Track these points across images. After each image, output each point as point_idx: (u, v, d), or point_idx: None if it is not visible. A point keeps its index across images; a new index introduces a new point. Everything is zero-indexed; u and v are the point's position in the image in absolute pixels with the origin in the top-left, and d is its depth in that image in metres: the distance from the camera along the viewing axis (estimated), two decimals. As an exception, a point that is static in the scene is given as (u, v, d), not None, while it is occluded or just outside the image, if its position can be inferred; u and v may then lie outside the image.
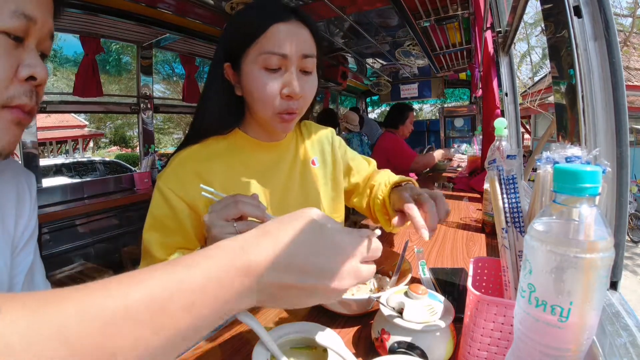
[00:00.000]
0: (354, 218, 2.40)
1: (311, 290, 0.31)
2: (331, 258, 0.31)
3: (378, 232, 0.36)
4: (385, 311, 0.49)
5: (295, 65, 0.63)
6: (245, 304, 0.30)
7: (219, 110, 0.69)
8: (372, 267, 0.35)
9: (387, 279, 0.65)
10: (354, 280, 0.33)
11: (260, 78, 0.63)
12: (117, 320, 0.23)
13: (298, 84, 0.63)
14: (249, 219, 0.52)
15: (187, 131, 0.77)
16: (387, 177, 0.86)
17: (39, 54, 0.44)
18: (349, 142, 3.42)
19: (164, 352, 0.25)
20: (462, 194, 1.84)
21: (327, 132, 0.90)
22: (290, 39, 0.62)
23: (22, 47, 0.41)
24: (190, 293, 0.26)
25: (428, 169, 2.71)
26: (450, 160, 3.48)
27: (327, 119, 3.28)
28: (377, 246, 0.35)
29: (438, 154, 2.69)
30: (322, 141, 0.88)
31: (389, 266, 0.69)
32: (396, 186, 0.78)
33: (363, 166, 0.93)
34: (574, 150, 0.34)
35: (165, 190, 0.65)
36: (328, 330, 0.45)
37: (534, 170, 0.54)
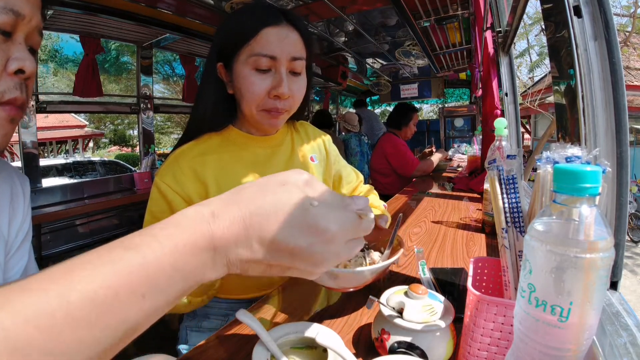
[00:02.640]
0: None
1: (285, 268, 0.30)
2: (313, 244, 0.28)
3: (372, 215, 0.34)
4: (385, 311, 0.49)
5: (285, 66, 0.66)
6: (213, 275, 0.28)
7: (212, 108, 0.72)
8: (357, 245, 0.32)
9: (379, 254, 0.65)
10: (334, 263, 0.31)
11: (250, 78, 0.66)
12: (58, 322, 0.21)
13: (286, 84, 0.66)
14: None
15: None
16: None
17: (28, 49, 0.44)
18: (347, 142, 3.41)
19: (122, 340, 0.24)
20: (462, 194, 1.84)
21: (325, 137, 0.93)
22: (279, 42, 0.65)
23: (11, 41, 0.42)
24: (140, 284, 0.24)
25: None
26: (450, 160, 3.49)
27: (322, 120, 3.24)
28: (367, 226, 0.32)
29: (436, 157, 2.68)
30: (319, 143, 0.90)
31: (382, 242, 0.69)
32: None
33: (352, 177, 0.98)
34: (574, 150, 0.34)
35: (161, 185, 0.67)
36: (328, 330, 0.45)
37: (534, 170, 0.54)
